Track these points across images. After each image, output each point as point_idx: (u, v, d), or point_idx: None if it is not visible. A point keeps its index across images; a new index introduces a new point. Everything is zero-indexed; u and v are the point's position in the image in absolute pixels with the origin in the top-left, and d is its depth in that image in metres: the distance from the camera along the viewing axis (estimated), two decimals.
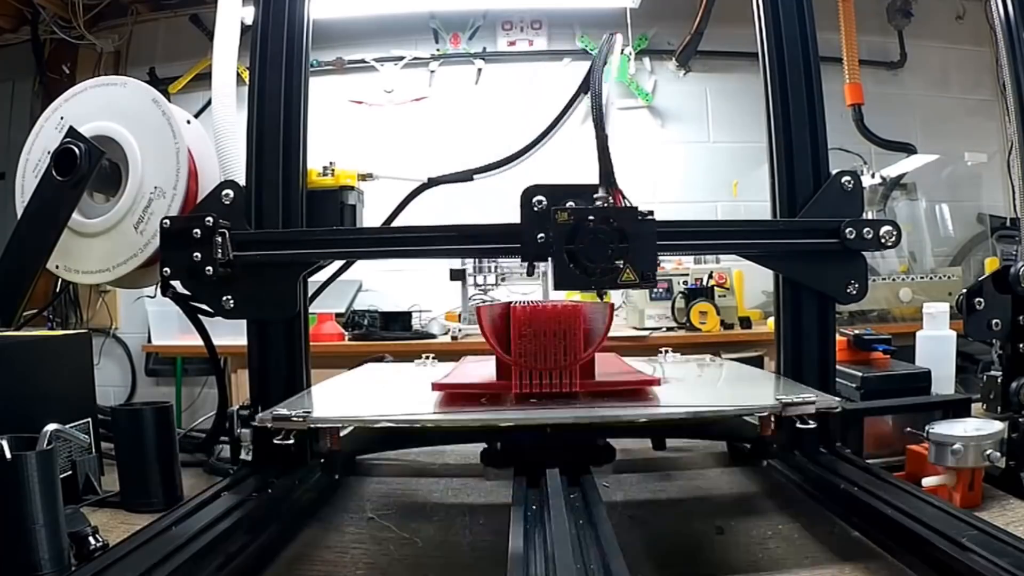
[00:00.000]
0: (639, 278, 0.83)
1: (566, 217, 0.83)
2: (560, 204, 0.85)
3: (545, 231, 0.85)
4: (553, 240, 0.84)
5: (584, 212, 0.83)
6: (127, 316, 3.50)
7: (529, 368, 0.83)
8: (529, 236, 0.86)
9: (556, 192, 0.87)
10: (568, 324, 0.82)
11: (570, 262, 0.83)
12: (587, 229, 0.82)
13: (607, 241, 0.82)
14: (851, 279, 0.96)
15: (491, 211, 0.96)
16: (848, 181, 0.97)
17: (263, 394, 0.98)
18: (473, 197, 1.57)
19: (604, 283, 0.83)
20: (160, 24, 3.58)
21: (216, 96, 1.07)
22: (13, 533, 0.66)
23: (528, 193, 0.87)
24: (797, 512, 0.89)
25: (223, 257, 0.93)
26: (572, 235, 0.83)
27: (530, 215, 0.86)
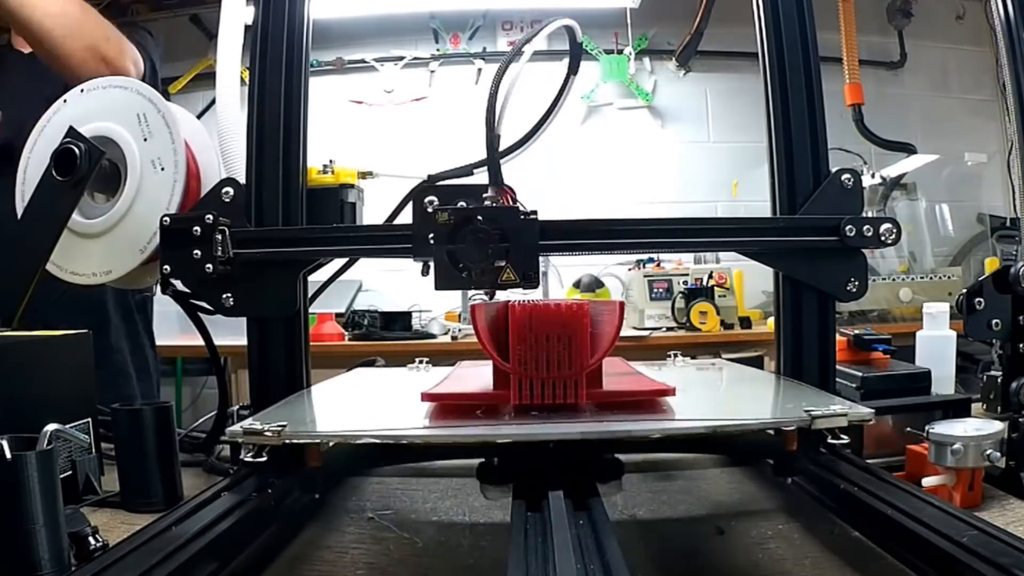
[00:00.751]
0: (520, 278, 0.82)
1: (446, 218, 0.83)
2: (451, 204, 0.84)
3: (434, 231, 0.84)
4: (434, 240, 0.83)
5: (465, 212, 0.83)
6: None
7: (530, 376, 0.76)
8: (419, 236, 0.85)
9: (447, 192, 0.87)
10: (573, 328, 0.76)
11: (451, 262, 0.82)
12: (467, 229, 0.82)
13: (487, 241, 0.82)
14: (851, 277, 0.96)
15: None
16: (848, 179, 0.97)
17: (263, 394, 0.98)
18: None
19: (483, 283, 0.83)
20: (160, 24, 3.58)
21: (220, 96, 1.08)
22: (13, 533, 0.66)
23: (420, 194, 0.87)
24: (797, 512, 0.89)
25: (223, 255, 0.93)
26: (453, 235, 0.82)
27: (421, 215, 0.86)
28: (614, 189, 3.29)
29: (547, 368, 0.76)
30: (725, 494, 1.02)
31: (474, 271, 0.82)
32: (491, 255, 0.82)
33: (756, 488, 1.02)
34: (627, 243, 0.97)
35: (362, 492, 1.03)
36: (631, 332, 2.71)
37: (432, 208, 0.85)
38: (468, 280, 0.83)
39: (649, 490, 1.02)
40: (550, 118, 1.03)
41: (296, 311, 0.99)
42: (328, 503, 0.97)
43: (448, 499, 1.00)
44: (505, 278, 0.82)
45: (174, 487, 0.97)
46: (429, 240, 0.84)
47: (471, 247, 0.82)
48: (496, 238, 0.82)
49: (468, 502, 0.98)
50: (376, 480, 1.09)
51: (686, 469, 1.12)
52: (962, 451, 0.86)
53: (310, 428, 0.80)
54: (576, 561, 0.56)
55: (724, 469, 1.12)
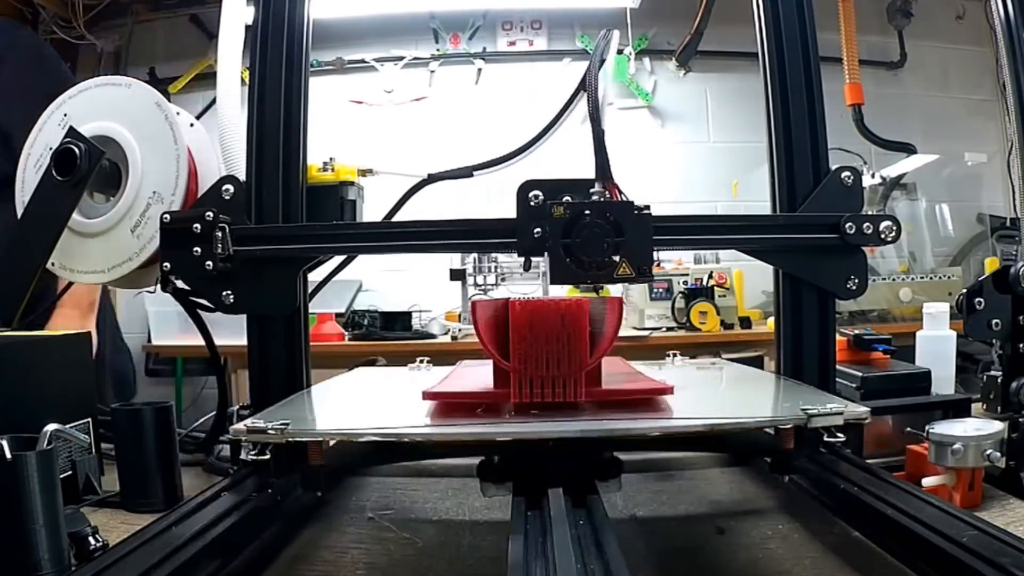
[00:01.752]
0: (635, 272, 0.82)
1: (562, 211, 0.82)
2: (556, 199, 0.84)
3: (541, 226, 0.84)
4: (549, 234, 0.83)
5: (580, 206, 0.83)
6: (127, 316, 3.49)
7: (530, 375, 0.77)
8: (525, 230, 0.85)
9: (552, 187, 0.86)
10: (573, 326, 0.77)
11: (566, 256, 0.82)
12: (583, 223, 0.82)
13: (603, 235, 0.81)
14: (851, 274, 0.96)
15: (491, 209, 0.96)
16: (848, 176, 0.97)
17: (263, 393, 0.98)
18: (473, 194, 1.58)
19: (600, 277, 0.82)
20: (160, 24, 3.58)
21: (220, 95, 1.08)
22: (13, 533, 0.66)
23: (524, 188, 0.86)
24: (797, 512, 0.89)
25: (223, 252, 0.93)
26: (568, 229, 0.82)
27: (526, 209, 0.86)
28: None
29: (547, 367, 0.77)
30: (725, 494, 1.02)
31: (590, 266, 0.82)
32: (607, 249, 0.81)
33: (755, 487, 1.03)
34: None
35: (362, 492, 1.03)
36: (631, 332, 2.71)
37: (536, 202, 0.85)
38: (585, 274, 0.82)
39: (649, 490, 1.02)
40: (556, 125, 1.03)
41: (296, 308, 0.99)
42: (328, 503, 0.97)
43: (448, 499, 1.00)
44: (621, 272, 0.82)
45: (174, 487, 0.97)
46: (535, 234, 0.84)
47: (588, 241, 0.81)
48: (612, 232, 0.82)
49: (468, 502, 0.98)
50: (376, 480, 1.09)
51: (685, 469, 1.12)
52: (962, 451, 0.86)
53: (312, 426, 0.80)
54: (576, 559, 0.56)
55: (724, 469, 1.12)
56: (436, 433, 0.78)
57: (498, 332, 0.79)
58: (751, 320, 2.78)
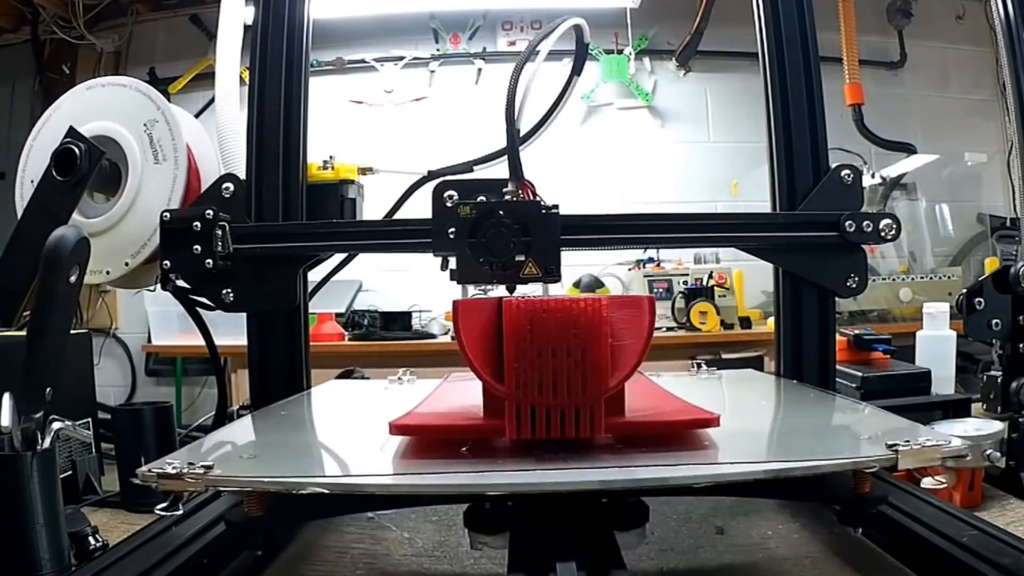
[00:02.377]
0: (542, 272, 0.82)
1: (468, 211, 0.82)
2: (471, 199, 0.84)
3: (455, 225, 0.84)
4: (457, 234, 0.83)
5: (487, 206, 0.82)
6: (127, 316, 3.49)
7: (531, 403, 0.58)
8: (440, 231, 0.85)
9: (467, 187, 0.87)
10: (588, 337, 0.58)
11: (473, 255, 0.82)
12: (489, 223, 0.81)
13: (509, 235, 0.81)
14: (851, 272, 0.96)
15: None
16: (848, 174, 0.97)
17: (263, 393, 0.98)
18: None
19: (506, 277, 0.82)
20: (160, 24, 3.58)
21: (219, 94, 1.08)
22: (13, 533, 0.66)
23: (440, 188, 0.87)
24: (797, 512, 0.89)
25: (223, 250, 0.93)
26: (475, 229, 0.82)
27: (441, 210, 0.86)
28: (614, 189, 3.29)
29: (554, 392, 0.58)
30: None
31: (496, 265, 0.82)
32: (513, 249, 0.81)
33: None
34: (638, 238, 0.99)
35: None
36: None
37: (452, 202, 0.85)
38: (490, 274, 0.82)
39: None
40: (553, 116, 1.03)
41: (296, 306, 0.99)
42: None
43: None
44: (527, 272, 0.82)
45: None
46: (449, 234, 0.84)
47: (493, 241, 0.81)
48: (518, 232, 0.82)
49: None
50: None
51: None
52: None
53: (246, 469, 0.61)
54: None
55: None
56: (402, 485, 0.57)
57: (489, 342, 0.60)
58: (751, 320, 2.78)
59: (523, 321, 0.59)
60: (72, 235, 0.69)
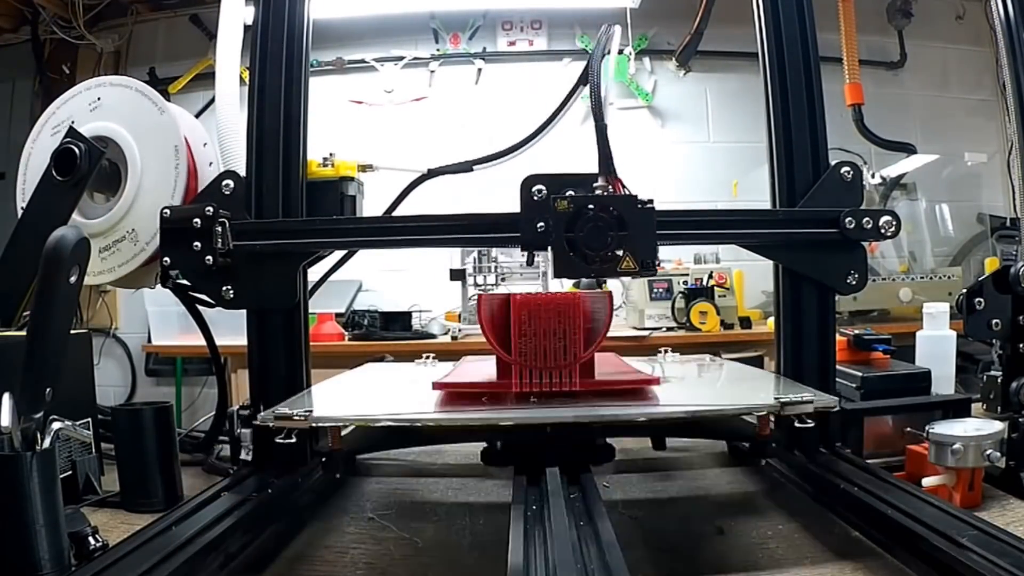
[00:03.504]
0: (639, 266, 0.83)
1: (566, 205, 0.83)
2: (559, 193, 0.84)
3: (544, 220, 0.84)
4: (553, 228, 0.83)
5: (584, 200, 0.83)
6: (127, 316, 3.50)
7: (529, 367, 0.84)
8: (528, 225, 0.85)
9: (556, 181, 0.87)
10: (568, 322, 0.83)
11: (570, 250, 0.82)
12: (587, 217, 0.82)
13: (606, 229, 0.82)
14: (851, 269, 0.96)
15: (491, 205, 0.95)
16: (848, 172, 0.97)
17: (263, 393, 0.98)
18: (473, 191, 1.58)
19: (604, 271, 0.83)
20: (160, 24, 3.58)
21: (219, 93, 1.08)
22: (13, 533, 0.66)
23: (528, 182, 0.86)
24: (797, 512, 0.89)
25: (223, 247, 0.93)
26: (572, 223, 0.82)
27: (529, 204, 0.86)
28: None
29: (545, 359, 0.84)
30: (724, 493, 1.02)
31: (594, 259, 0.82)
32: (611, 243, 0.82)
33: (755, 487, 1.03)
34: None
35: (362, 491, 1.03)
36: (631, 332, 2.71)
37: (540, 196, 0.85)
38: (588, 268, 0.83)
39: (649, 490, 1.02)
40: (555, 120, 1.03)
41: (296, 303, 0.99)
42: (329, 501, 0.97)
43: (448, 499, 1.00)
44: (624, 266, 0.83)
45: (174, 487, 0.97)
46: (539, 228, 0.84)
47: (591, 235, 0.82)
48: (615, 226, 0.82)
49: (468, 502, 0.98)
50: (376, 479, 1.09)
51: (685, 469, 1.13)
52: (962, 451, 0.86)
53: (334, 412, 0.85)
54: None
55: (723, 468, 1.12)
56: (445, 419, 0.85)
57: (500, 327, 0.85)
58: (751, 320, 2.78)
59: (524, 312, 0.84)
60: (72, 235, 0.69)
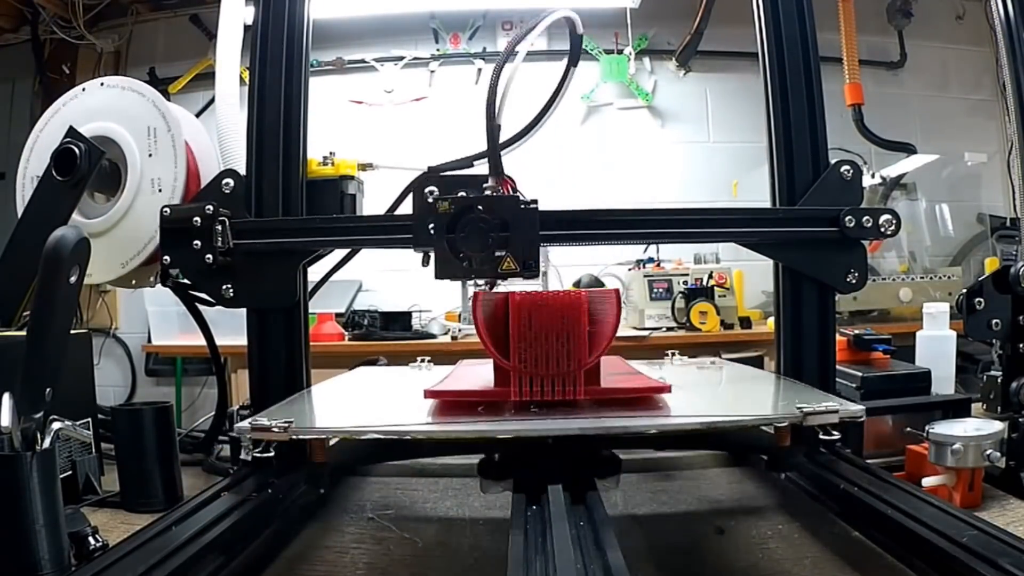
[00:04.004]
0: (520, 267, 0.82)
1: (447, 206, 0.82)
2: (452, 194, 0.84)
3: (434, 221, 0.84)
4: (435, 229, 0.83)
5: (465, 201, 0.83)
6: (127, 316, 3.50)
7: (530, 374, 0.78)
8: (420, 226, 0.85)
9: (449, 182, 0.87)
10: (571, 325, 0.78)
11: (451, 251, 0.82)
12: (467, 219, 0.82)
13: (487, 230, 0.81)
14: (851, 267, 0.96)
15: None
16: (847, 170, 0.97)
17: (263, 393, 0.98)
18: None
19: (483, 272, 0.83)
20: (160, 24, 3.58)
21: (219, 92, 1.08)
22: (13, 533, 0.66)
23: (420, 183, 0.87)
24: (797, 512, 0.89)
25: (223, 245, 0.93)
26: (453, 224, 0.82)
27: (422, 205, 0.85)
28: (614, 189, 3.29)
29: (546, 365, 0.78)
30: (724, 493, 1.02)
31: (474, 260, 0.82)
32: (491, 244, 0.81)
33: (754, 487, 1.02)
34: (627, 233, 0.98)
35: (362, 492, 1.03)
36: (631, 332, 2.71)
37: (432, 198, 0.85)
38: (468, 269, 0.82)
39: (649, 490, 1.02)
40: (551, 110, 1.03)
41: (296, 302, 0.99)
42: (328, 502, 0.97)
43: (448, 499, 1.00)
44: (505, 267, 0.82)
45: (174, 487, 0.97)
46: (430, 230, 0.84)
47: (471, 236, 0.81)
48: (497, 227, 0.82)
49: (468, 502, 0.98)
50: (376, 479, 1.09)
51: (684, 469, 1.12)
52: (962, 451, 0.86)
53: (315, 425, 0.81)
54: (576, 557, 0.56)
55: (723, 469, 1.12)
56: (438, 431, 0.78)
57: (498, 330, 0.80)
58: (751, 320, 2.78)
59: (523, 313, 0.78)
60: (72, 235, 0.69)
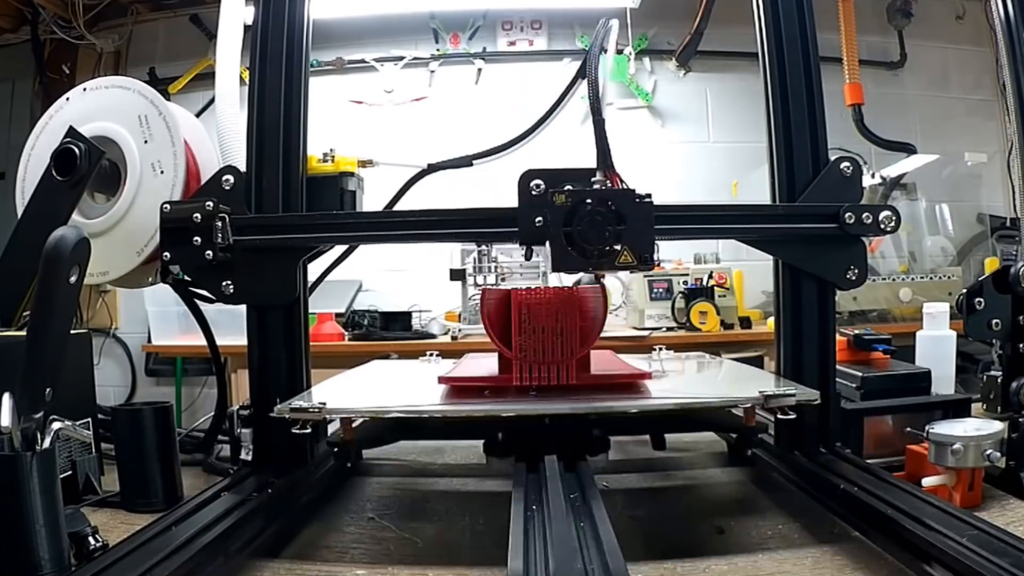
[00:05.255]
0: (637, 260, 0.82)
1: (563, 199, 0.82)
2: (558, 187, 0.84)
3: (543, 214, 0.84)
4: (551, 222, 0.83)
5: (581, 194, 0.83)
6: (127, 316, 3.50)
7: (529, 362, 0.89)
8: (526, 219, 0.85)
9: (554, 176, 0.87)
10: (565, 320, 0.90)
11: (568, 244, 0.82)
12: (584, 211, 0.82)
13: (604, 223, 0.81)
14: (851, 264, 0.96)
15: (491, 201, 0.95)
16: (847, 167, 0.97)
17: (263, 392, 0.98)
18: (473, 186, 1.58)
19: (602, 265, 0.83)
20: (160, 24, 3.58)
21: (219, 95, 1.08)
22: (13, 533, 0.66)
23: (526, 177, 0.86)
24: (797, 512, 0.89)
25: (223, 242, 0.93)
26: (569, 217, 0.82)
27: (528, 198, 0.86)
28: None
29: (543, 355, 0.90)
30: (724, 493, 1.02)
31: (592, 253, 0.82)
32: (609, 237, 0.81)
33: (755, 487, 1.02)
34: None
35: (362, 491, 1.03)
36: (631, 332, 2.71)
37: (538, 191, 0.85)
38: (587, 262, 0.82)
39: (649, 489, 1.02)
40: (553, 114, 1.03)
41: (296, 298, 0.99)
42: (329, 502, 0.97)
43: (448, 499, 1.00)
44: (623, 260, 0.82)
45: (174, 487, 0.97)
46: (536, 223, 0.84)
47: (589, 229, 0.81)
48: (613, 220, 0.82)
49: (468, 502, 0.98)
50: (377, 479, 1.09)
51: (684, 469, 1.12)
52: (962, 451, 0.86)
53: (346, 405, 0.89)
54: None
55: (723, 469, 1.12)
56: (452, 410, 0.90)
57: (502, 324, 0.91)
58: (751, 320, 2.78)
59: (523, 310, 0.90)
60: (72, 235, 0.69)
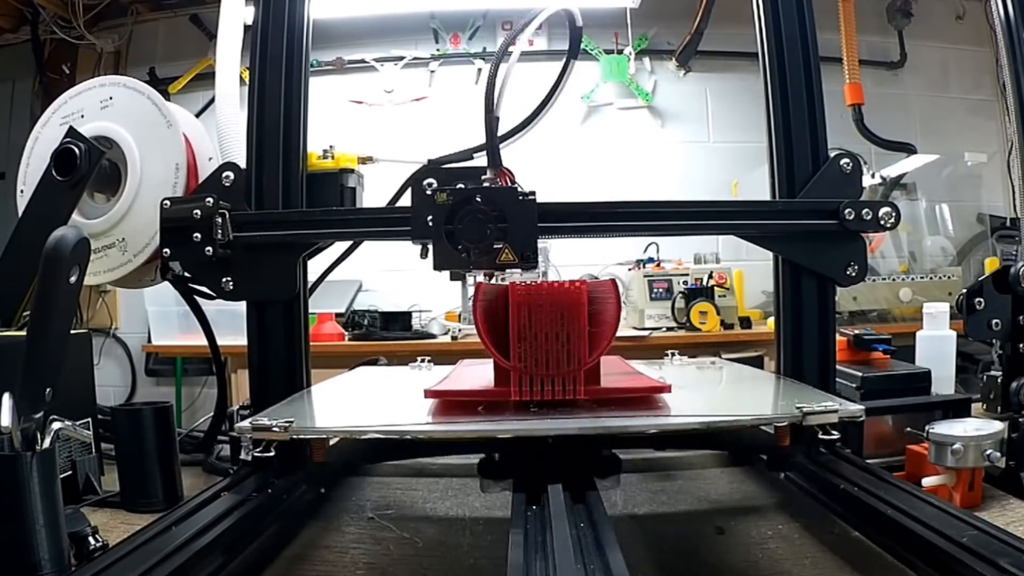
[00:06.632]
0: (518, 258, 0.83)
1: (445, 198, 0.83)
2: (450, 186, 0.85)
3: (433, 212, 0.85)
4: (434, 221, 0.83)
5: (463, 193, 0.83)
6: (127, 316, 3.50)
7: (529, 374, 0.77)
8: (418, 218, 0.86)
9: (446, 175, 0.88)
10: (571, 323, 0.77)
11: (449, 242, 0.82)
12: (466, 210, 0.82)
13: (485, 221, 0.82)
14: (850, 260, 0.96)
15: None
16: (847, 163, 0.97)
17: (263, 391, 0.98)
18: None
19: (481, 263, 0.83)
20: (160, 24, 3.58)
21: (219, 95, 1.08)
22: (13, 533, 0.66)
23: (419, 176, 0.87)
24: (797, 512, 0.89)
25: (223, 238, 0.94)
26: (451, 216, 0.83)
27: (420, 197, 0.86)
28: (614, 189, 3.29)
29: (546, 366, 0.77)
30: (725, 493, 1.02)
31: (472, 251, 0.82)
32: (490, 235, 0.82)
33: (755, 487, 1.02)
34: (626, 225, 0.98)
35: (362, 491, 1.03)
36: (631, 332, 2.71)
37: (431, 190, 0.86)
38: (466, 260, 0.83)
39: (649, 490, 1.02)
40: (551, 102, 1.03)
41: (296, 295, 0.99)
42: (329, 501, 0.97)
43: (448, 499, 1.00)
44: (503, 258, 0.83)
45: (174, 487, 0.97)
46: (428, 222, 0.84)
47: (470, 227, 0.82)
48: (495, 219, 0.82)
49: (468, 502, 0.98)
50: (376, 479, 1.09)
51: (685, 469, 1.12)
52: (962, 451, 0.86)
53: (315, 424, 0.80)
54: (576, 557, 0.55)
55: (724, 469, 1.12)
56: (438, 431, 0.78)
57: (498, 328, 0.79)
58: (751, 320, 2.78)
59: (523, 312, 0.77)
60: (72, 235, 0.69)
